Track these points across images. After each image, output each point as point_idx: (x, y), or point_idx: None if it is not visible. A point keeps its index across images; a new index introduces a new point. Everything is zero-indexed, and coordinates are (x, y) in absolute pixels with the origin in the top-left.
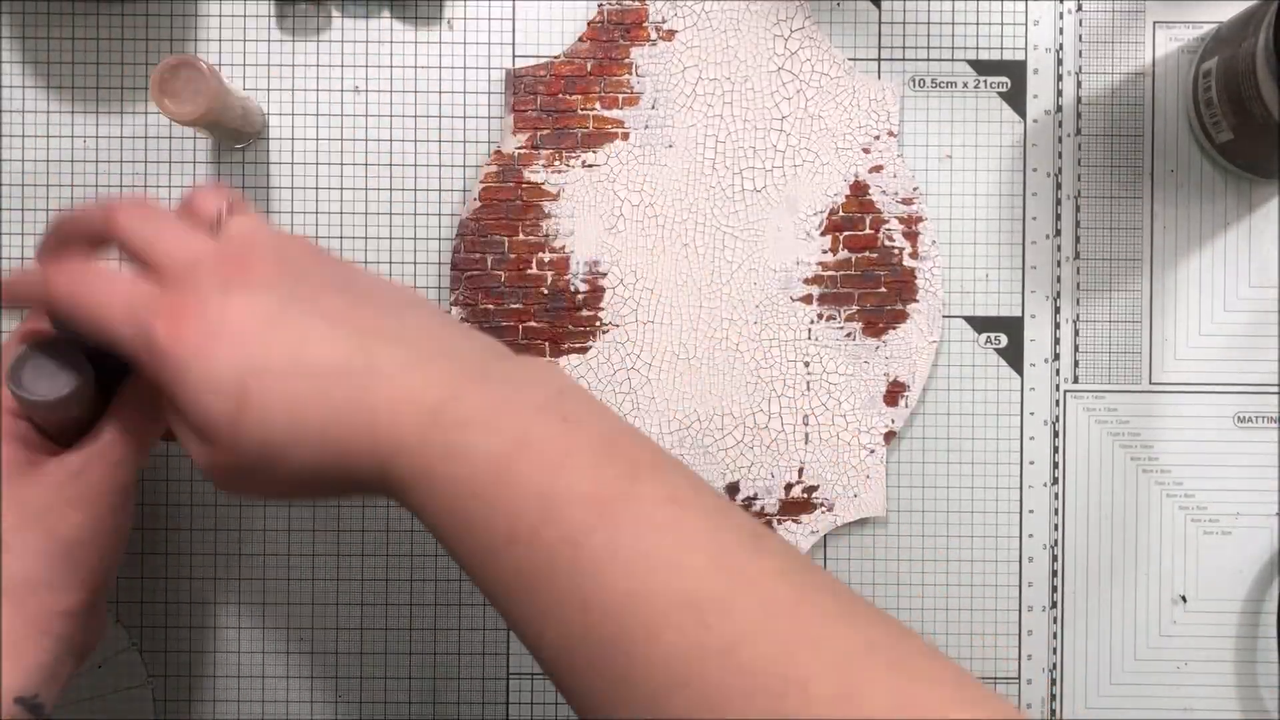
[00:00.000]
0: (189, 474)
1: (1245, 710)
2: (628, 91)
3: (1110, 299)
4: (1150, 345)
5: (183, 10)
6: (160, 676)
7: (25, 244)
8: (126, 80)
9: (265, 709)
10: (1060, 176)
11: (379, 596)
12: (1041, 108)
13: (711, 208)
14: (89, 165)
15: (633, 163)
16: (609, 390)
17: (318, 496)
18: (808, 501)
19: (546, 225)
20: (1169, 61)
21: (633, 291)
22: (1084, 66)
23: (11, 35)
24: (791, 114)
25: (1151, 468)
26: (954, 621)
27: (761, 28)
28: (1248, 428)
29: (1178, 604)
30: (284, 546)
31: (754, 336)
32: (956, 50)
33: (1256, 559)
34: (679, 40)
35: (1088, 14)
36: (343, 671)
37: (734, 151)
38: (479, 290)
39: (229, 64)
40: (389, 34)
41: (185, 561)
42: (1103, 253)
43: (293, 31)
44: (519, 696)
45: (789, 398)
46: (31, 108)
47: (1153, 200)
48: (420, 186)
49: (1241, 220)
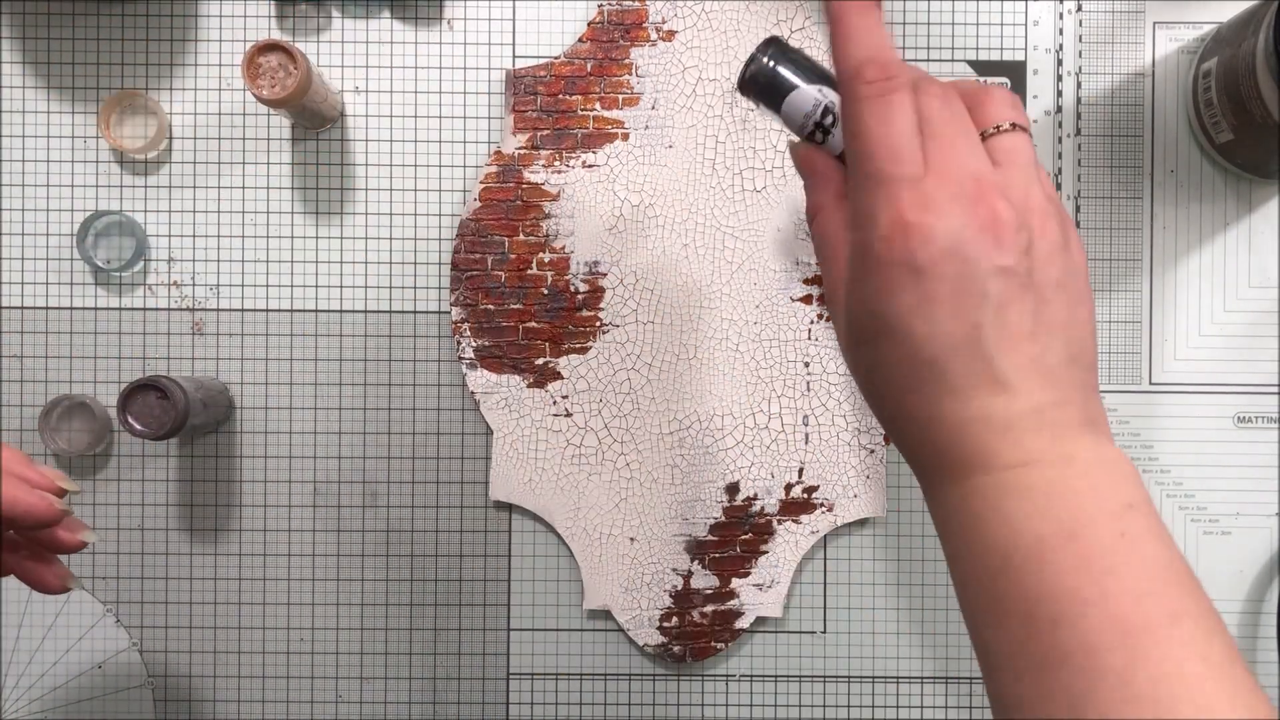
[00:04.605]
0: (189, 474)
1: None
2: (628, 92)
3: (1110, 299)
4: (1150, 345)
5: (183, 10)
6: (160, 676)
7: (25, 244)
8: (126, 80)
9: (265, 709)
10: (1060, 177)
11: (379, 596)
12: (1041, 108)
13: (711, 208)
14: (89, 165)
15: (633, 163)
16: (609, 390)
17: (886, 383)
18: (808, 501)
19: (546, 225)
20: (1169, 61)
21: (633, 291)
22: (1084, 67)
23: (11, 35)
24: None
25: (1151, 468)
26: (954, 621)
27: (761, 28)
28: (1248, 428)
29: None
30: (284, 547)
31: (754, 336)
32: (956, 50)
33: (1256, 559)
34: (679, 40)
35: (1088, 14)
36: (343, 671)
37: (734, 151)
38: (479, 290)
39: (229, 64)
40: (389, 34)
41: (185, 561)
42: (1103, 253)
43: (293, 32)
44: (519, 697)
45: (789, 398)
46: (31, 108)
47: (1153, 200)
48: (420, 186)
49: (1241, 220)
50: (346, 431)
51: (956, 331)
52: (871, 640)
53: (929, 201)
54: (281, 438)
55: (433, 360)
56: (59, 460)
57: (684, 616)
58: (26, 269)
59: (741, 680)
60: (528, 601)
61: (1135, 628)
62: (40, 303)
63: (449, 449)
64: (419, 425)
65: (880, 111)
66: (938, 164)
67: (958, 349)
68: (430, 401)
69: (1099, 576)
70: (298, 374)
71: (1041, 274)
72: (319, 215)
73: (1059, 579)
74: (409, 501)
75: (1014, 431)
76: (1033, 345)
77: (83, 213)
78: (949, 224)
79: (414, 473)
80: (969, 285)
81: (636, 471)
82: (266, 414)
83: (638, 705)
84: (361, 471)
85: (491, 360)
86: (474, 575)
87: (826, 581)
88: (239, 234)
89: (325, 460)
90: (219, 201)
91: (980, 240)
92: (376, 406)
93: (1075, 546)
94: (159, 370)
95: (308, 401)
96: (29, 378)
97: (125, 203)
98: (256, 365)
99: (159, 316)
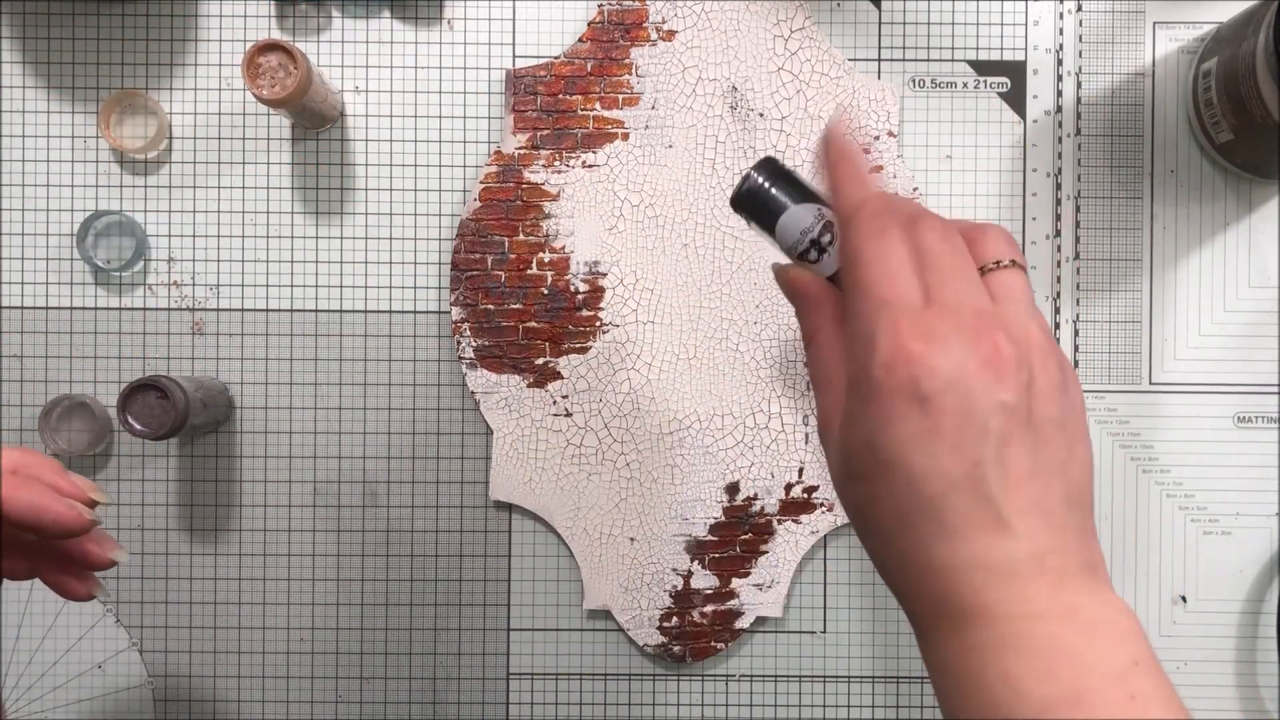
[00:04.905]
0: (189, 474)
1: (1245, 710)
2: (628, 92)
3: (1110, 299)
4: (1150, 345)
5: (183, 10)
6: (160, 676)
7: (25, 244)
8: (126, 80)
9: (265, 709)
10: (1060, 177)
11: (379, 596)
12: (1041, 108)
13: (711, 208)
14: (89, 165)
15: (633, 163)
16: (609, 390)
17: (878, 518)
18: (808, 501)
19: (546, 225)
20: (1169, 61)
21: (633, 291)
22: (1084, 67)
23: (11, 35)
24: (791, 114)
25: (1151, 468)
26: None
27: (761, 28)
28: (1248, 428)
29: (1178, 604)
30: (284, 547)
31: (754, 336)
32: (956, 50)
33: (1256, 559)
34: (679, 40)
35: (1088, 14)
36: (343, 671)
37: (734, 151)
38: (479, 290)
39: (229, 64)
40: (389, 34)
41: (185, 561)
42: (1103, 253)
43: (293, 32)
44: (519, 697)
45: (789, 398)
46: (31, 108)
47: (1153, 200)
48: (420, 186)
49: (1241, 220)
50: (346, 431)
51: (956, 468)
52: (871, 640)
53: (931, 331)
54: (281, 438)
55: (433, 360)
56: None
57: (684, 616)
58: (26, 269)
59: (741, 680)
60: (528, 601)
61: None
62: (40, 303)
63: (449, 449)
64: (419, 425)
65: (881, 243)
66: (939, 295)
67: (957, 486)
68: (430, 401)
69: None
70: (298, 374)
71: (1042, 412)
72: (319, 215)
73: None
74: (409, 501)
75: (1015, 579)
76: (1033, 486)
77: (83, 213)
78: (952, 355)
79: (414, 473)
80: (970, 420)
81: (636, 471)
82: (266, 414)
83: (638, 705)
84: (361, 471)
85: (491, 360)
86: (474, 575)
87: (826, 581)
88: (239, 234)
89: (325, 460)
90: (219, 201)
91: (982, 374)
92: (376, 406)
93: (1082, 711)
94: (159, 370)
95: (308, 401)
96: (29, 378)
97: (125, 203)
98: (256, 365)
99: (159, 316)
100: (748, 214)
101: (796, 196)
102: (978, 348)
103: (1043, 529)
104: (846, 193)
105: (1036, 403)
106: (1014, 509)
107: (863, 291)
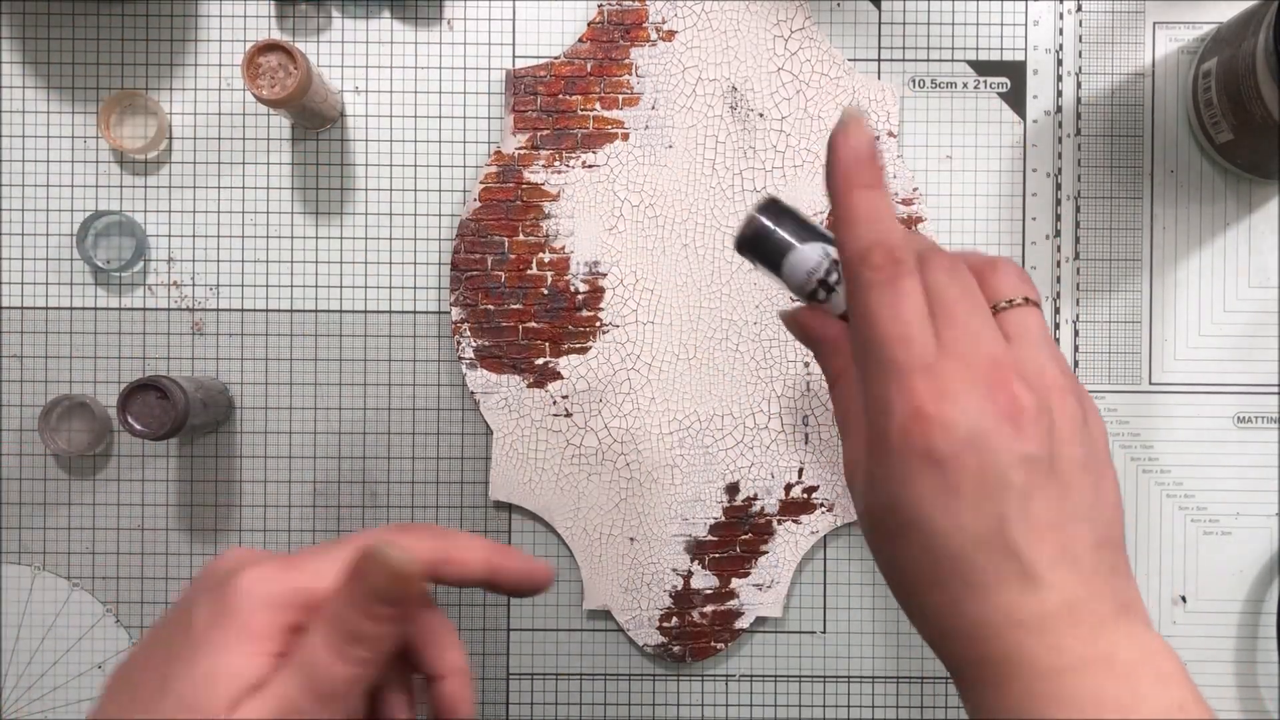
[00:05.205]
0: (189, 474)
1: (1245, 710)
2: (628, 92)
3: (1110, 299)
4: (1150, 345)
5: (183, 10)
6: None
7: (25, 244)
8: (126, 81)
9: None
10: (1060, 177)
11: None
12: (1041, 108)
13: (711, 208)
14: (89, 165)
15: (633, 163)
16: (609, 390)
17: (914, 585)
18: (808, 501)
19: (546, 225)
20: (1169, 61)
21: (633, 292)
22: (1084, 67)
23: (11, 35)
24: (791, 114)
25: (1151, 468)
26: None
27: (761, 28)
28: (1248, 428)
29: (1178, 604)
30: (284, 547)
31: (754, 336)
32: (956, 50)
33: (1256, 559)
34: (679, 40)
35: (1088, 14)
36: None
37: (734, 151)
38: (479, 290)
39: (229, 64)
40: (389, 34)
41: (185, 561)
42: (1103, 253)
43: (293, 32)
44: (519, 697)
45: (789, 398)
46: (31, 108)
47: (1153, 200)
48: (420, 186)
49: (1241, 220)
50: (346, 431)
51: (980, 525)
52: (871, 640)
53: (945, 390)
54: (281, 438)
55: (433, 360)
56: (59, 460)
57: (684, 616)
58: (26, 269)
59: (741, 680)
60: (527, 601)
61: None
62: (40, 303)
63: (449, 449)
64: (419, 425)
65: (889, 298)
66: (951, 347)
67: (982, 543)
68: (430, 401)
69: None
70: (298, 374)
71: (1065, 458)
72: (319, 215)
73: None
74: (409, 501)
75: (1049, 632)
76: (1060, 534)
77: (83, 213)
78: (968, 414)
79: (414, 473)
80: (991, 477)
81: (636, 471)
82: (266, 414)
83: (638, 705)
84: (361, 471)
85: (491, 360)
86: None
87: (826, 581)
88: (239, 234)
89: (325, 460)
90: (219, 201)
91: (1001, 429)
92: (376, 406)
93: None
94: (159, 370)
95: (308, 401)
96: (29, 378)
97: (125, 203)
98: (256, 365)
99: (159, 316)
100: (753, 256)
101: (802, 236)
102: (994, 400)
103: (1073, 577)
104: (854, 236)
105: (1059, 447)
106: (1043, 560)
107: (873, 352)
